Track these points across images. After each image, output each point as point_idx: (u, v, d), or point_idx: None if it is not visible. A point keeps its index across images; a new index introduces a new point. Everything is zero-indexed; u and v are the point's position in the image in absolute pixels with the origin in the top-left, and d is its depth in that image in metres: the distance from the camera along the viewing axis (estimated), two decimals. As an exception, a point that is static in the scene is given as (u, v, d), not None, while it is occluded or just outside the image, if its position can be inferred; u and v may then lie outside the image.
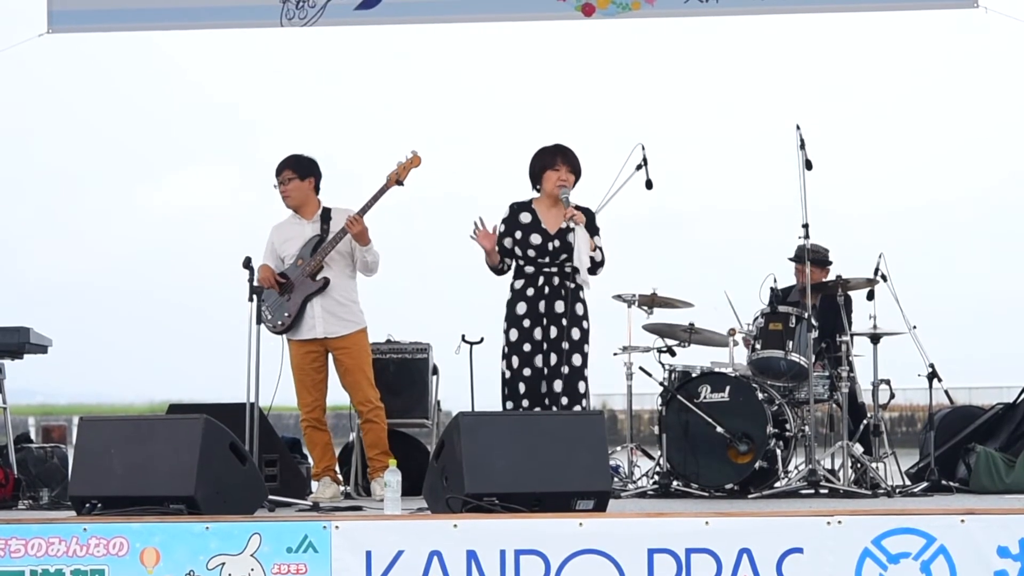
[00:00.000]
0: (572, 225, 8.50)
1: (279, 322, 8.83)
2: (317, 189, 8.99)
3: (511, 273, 8.76)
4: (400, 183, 8.79)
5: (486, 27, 10.73)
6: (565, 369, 8.53)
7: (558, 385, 8.51)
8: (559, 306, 8.56)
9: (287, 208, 8.99)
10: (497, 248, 8.71)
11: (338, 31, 10.47)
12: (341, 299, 8.82)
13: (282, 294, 8.83)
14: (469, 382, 9.87)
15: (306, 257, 8.84)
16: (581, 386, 8.56)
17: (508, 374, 8.61)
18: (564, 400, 8.49)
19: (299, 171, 8.92)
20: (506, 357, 8.63)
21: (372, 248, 8.79)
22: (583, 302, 8.67)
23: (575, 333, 8.58)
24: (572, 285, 8.58)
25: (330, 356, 8.87)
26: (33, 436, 10.43)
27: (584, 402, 8.57)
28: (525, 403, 8.52)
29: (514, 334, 8.62)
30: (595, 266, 8.63)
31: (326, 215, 8.91)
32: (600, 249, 8.62)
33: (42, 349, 9.43)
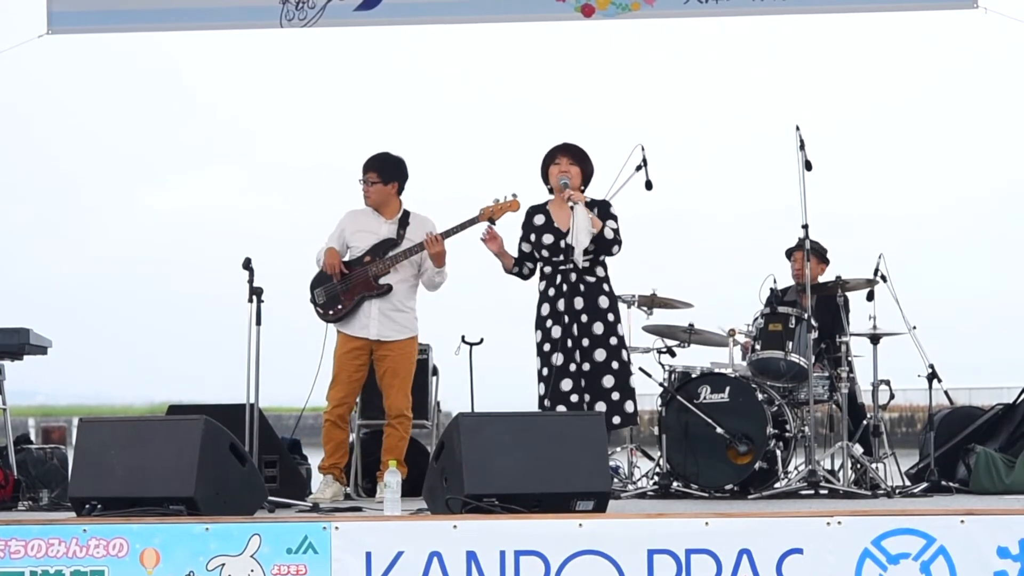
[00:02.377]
0: (571, 204, 8.52)
1: (331, 311, 8.82)
2: (400, 191, 8.95)
3: (536, 276, 8.80)
4: (492, 222, 8.73)
5: (486, 28, 10.73)
6: (587, 366, 8.55)
7: (582, 382, 8.52)
8: (578, 303, 8.58)
9: (366, 205, 8.96)
10: (517, 255, 8.80)
11: (338, 32, 10.47)
12: (400, 305, 8.81)
13: (342, 283, 8.82)
14: (469, 383, 9.88)
15: (376, 256, 8.82)
16: (607, 381, 8.56)
17: (537, 377, 8.63)
18: (587, 397, 8.51)
19: (383, 175, 8.88)
20: (538, 358, 8.66)
21: (444, 271, 8.78)
22: (607, 295, 8.69)
23: (597, 328, 8.59)
24: (592, 280, 8.59)
25: (372, 355, 8.86)
26: (33, 437, 10.44)
27: (615, 396, 8.55)
28: (547, 403, 8.54)
29: (539, 335, 8.68)
30: (608, 244, 8.61)
31: (405, 219, 8.88)
32: (615, 231, 8.63)
33: (42, 350, 9.43)
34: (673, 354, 9.76)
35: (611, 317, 8.68)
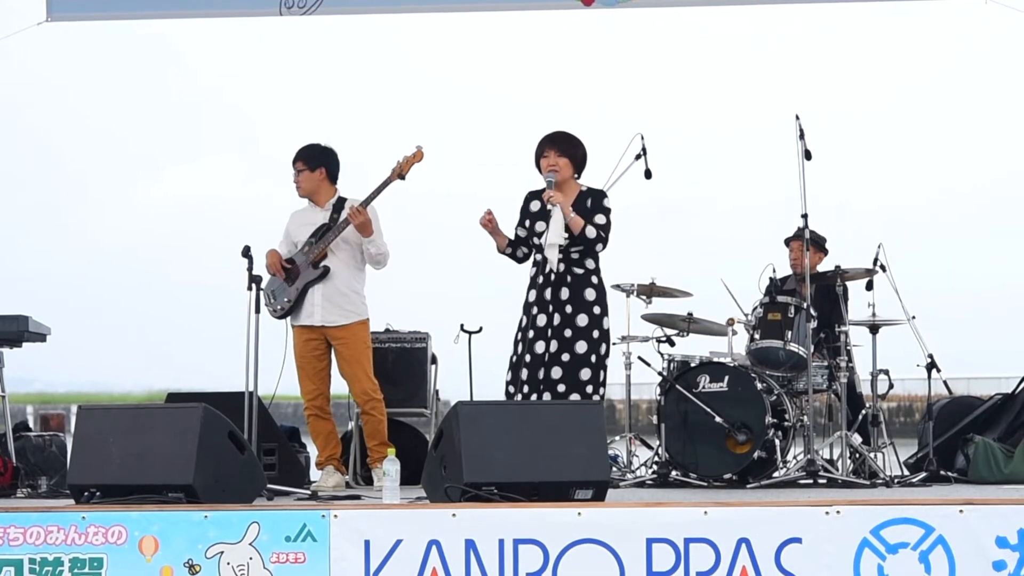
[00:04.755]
0: (549, 207, 8.54)
1: (279, 307, 8.88)
2: (332, 178, 9.04)
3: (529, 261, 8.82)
4: (402, 177, 8.84)
5: (486, 16, 10.72)
6: (566, 356, 8.55)
7: (556, 372, 8.53)
8: (563, 293, 8.59)
9: (300, 197, 9.06)
10: (513, 237, 8.79)
11: (339, 20, 10.46)
12: (343, 288, 8.86)
13: (287, 280, 8.88)
14: (468, 371, 9.88)
15: (312, 244, 8.88)
16: (584, 373, 8.56)
17: (513, 359, 8.65)
18: (561, 387, 8.50)
19: (309, 162, 8.98)
20: (514, 343, 8.67)
21: (375, 240, 8.82)
22: (595, 288, 8.68)
23: (581, 319, 8.59)
24: (580, 271, 8.60)
25: (328, 344, 8.88)
26: (32, 424, 10.40)
27: (589, 389, 8.56)
28: (525, 389, 8.54)
29: (523, 320, 8.68)
30: (590, 243, 8.61)
31: (339, 204, 8.97)
32: (599, 228, 8.61)
33: (41, 337, 9.42)
34: (672, 343, 9.76)
35: (597, 310, 8.66)
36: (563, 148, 8.73)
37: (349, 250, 8.90)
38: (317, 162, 9.00)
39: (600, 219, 8.65)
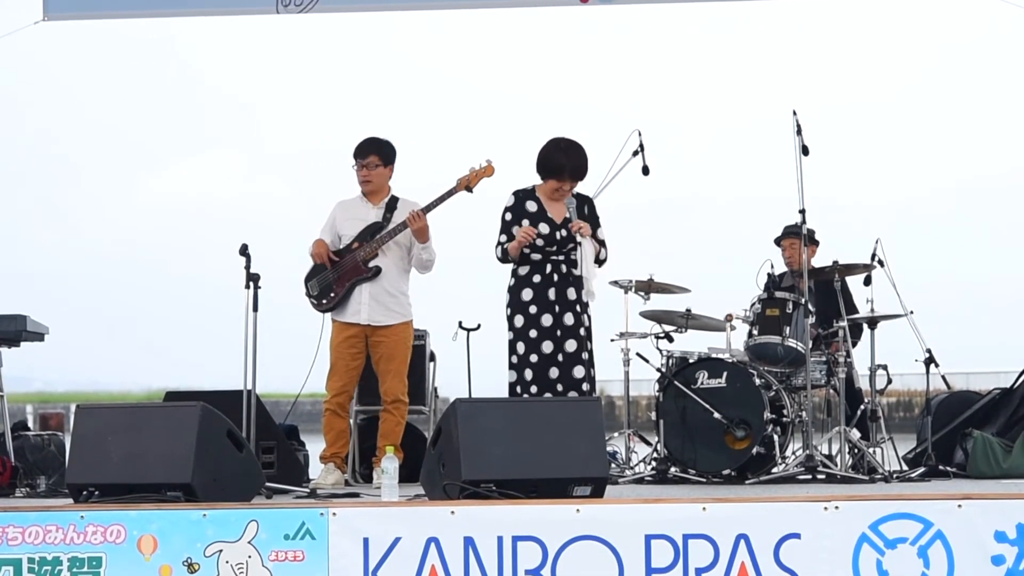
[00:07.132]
0: (579, 239, 8.52)
1: (324, 300, 8.85)
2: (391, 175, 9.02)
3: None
4: (469, 190, 8.78)
5: (482, 14, 10.72)
6: (585, 355, 8.58)
7: (579, 371, 8.53)
8: (571, 293, 8.60)
9: (363, 191, 8.98)
10: (504, 238, 8.76)
11: (337, 18, 10.45)
12: (391, 289, 8.83)
13: (332, 272, 8.84)
14: (466, 368, 9.88)
15: (363, 241, 8.84)
16: (578, 371, 8.56)
17: (515, 360, 8.63)
18: (559, 387, 8.51)
19: (384, 158, 8.92)
20: (512, 343, 8.65)
21: (430, 246, 8.79)
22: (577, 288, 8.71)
23: (584, 319, 8.62)
24: (577, 272, 8.61)
25: (368, 342, 8.86)
26: (30, 424, 10.41)
27: (585, 386, 8.58)
28: (534, 389, 8.54)
29: (519, 320, 8.65)
30: (600, 263, 8.71)
31: (392, 203, 8.92)
32: (603, 243, 8.68)
33: (39, 337, 9.42)
34: (670, 339, 9.76)
35: (579, 308, 8.70)
36: (579, 174, 8.67)
37: (398, 251, 8.86)
38: (391, 158, 8.94)
39: (601, 233, 8.73)
